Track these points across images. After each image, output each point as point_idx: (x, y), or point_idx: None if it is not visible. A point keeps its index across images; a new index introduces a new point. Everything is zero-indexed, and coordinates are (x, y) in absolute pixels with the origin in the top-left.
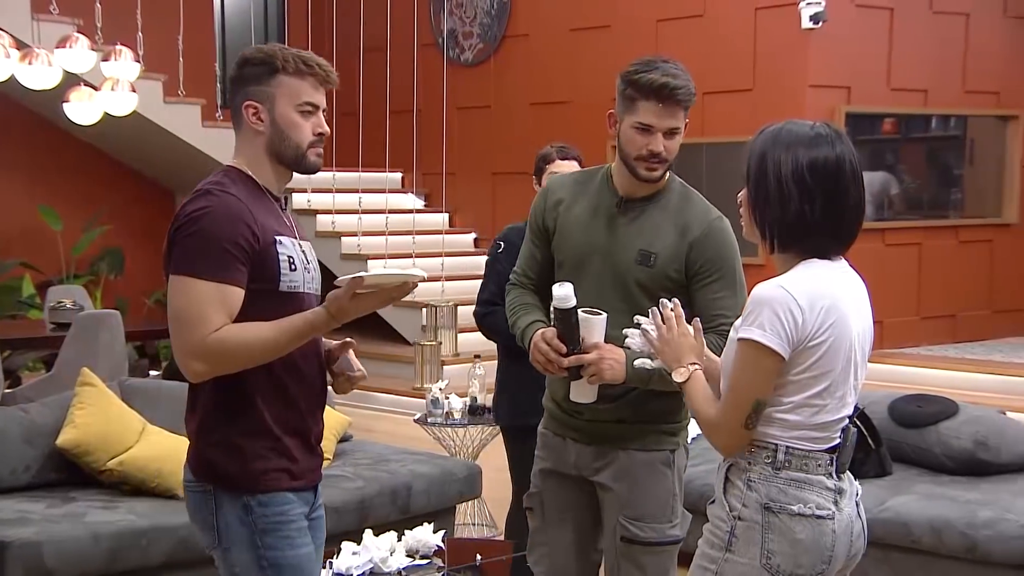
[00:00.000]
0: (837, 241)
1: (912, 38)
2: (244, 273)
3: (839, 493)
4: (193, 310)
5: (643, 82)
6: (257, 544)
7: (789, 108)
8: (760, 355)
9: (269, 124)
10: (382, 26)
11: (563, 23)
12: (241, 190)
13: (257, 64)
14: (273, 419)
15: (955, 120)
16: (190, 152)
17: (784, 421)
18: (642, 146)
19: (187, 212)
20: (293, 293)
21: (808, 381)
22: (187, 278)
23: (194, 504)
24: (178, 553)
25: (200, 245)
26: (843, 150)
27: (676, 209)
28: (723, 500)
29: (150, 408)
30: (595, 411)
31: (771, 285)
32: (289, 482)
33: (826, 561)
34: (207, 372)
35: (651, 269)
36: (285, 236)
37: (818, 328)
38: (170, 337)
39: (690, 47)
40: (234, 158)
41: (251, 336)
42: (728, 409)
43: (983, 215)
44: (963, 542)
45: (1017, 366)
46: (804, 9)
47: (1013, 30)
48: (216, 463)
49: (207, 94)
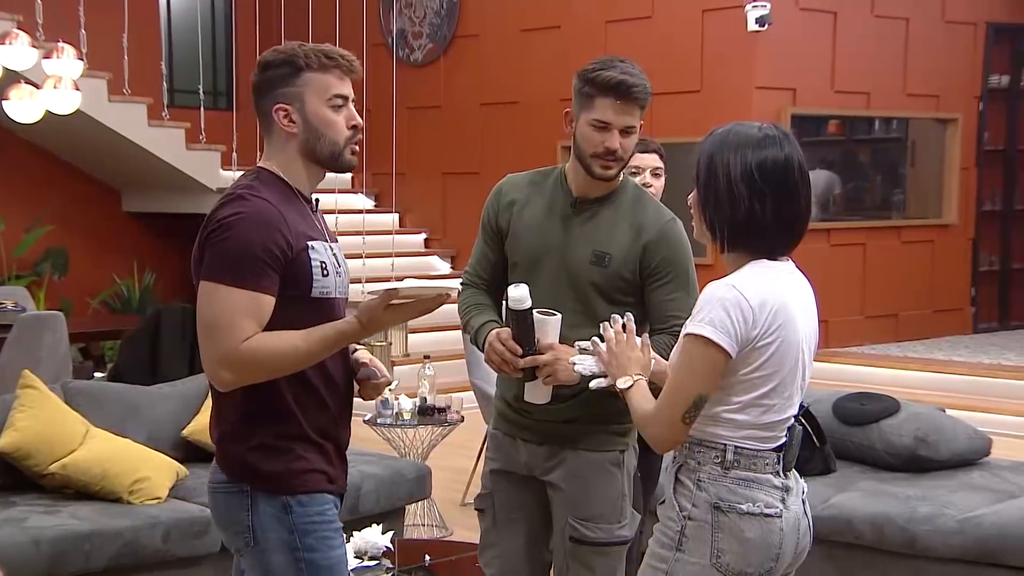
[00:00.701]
0: (785, 242)
1: (855, 41)
2: (276, 280)
3: (786, 491)
4: (224, 319)
5: (601, 79)
6: (295, 545)
7: (736, 109)
8: (707, 351)
9: (302, 124)
10: (331, 25)
11: (513, 23)
12: (273, 193)
13: (279, 65)
14: (308, 424)
15: (897, 122)
16: (136, 152)
17: (733, 421)
18: (598, 143)
19: (219, 217)
20: (325, 299)
21: (757, 381)
22: (219, 285)
23: (225, 506)
24: (122, 557)
25: (233, 252)
26: (791, 151)
27: (630, 210)
28: (673, 500)
29: (95, 410)
30: (546, 411)
31: (723, 284)
32: (327, 484)
33: (774, 559)
34: (235, 381)
35: (605, 269)
36: (317, 240)
37: (767, 328)
38: (199, 344)
39: (639, 48)
40: (264, 160)
41: (281, 346)
42: (668, 401)
43: (925, 216)
44: (903, 537)
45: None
46: (750, 12)
47: (950, 35)
48: (257, 464)
49: (153, 93)
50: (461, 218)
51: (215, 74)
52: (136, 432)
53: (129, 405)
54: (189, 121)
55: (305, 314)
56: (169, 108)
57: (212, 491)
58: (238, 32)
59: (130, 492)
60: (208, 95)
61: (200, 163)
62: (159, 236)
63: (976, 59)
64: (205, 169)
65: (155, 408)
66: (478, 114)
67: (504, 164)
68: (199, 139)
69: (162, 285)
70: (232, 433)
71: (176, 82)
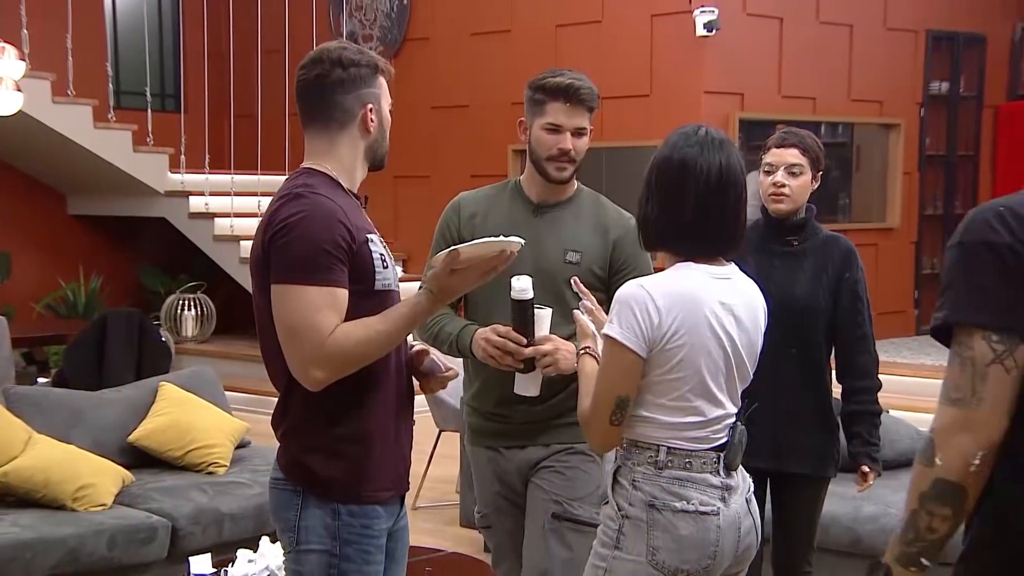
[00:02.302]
0: (711, 245)
1: (800, 47)
2: (346, 273)
3: (727, 490)
4: (305, 319)
5: (550, 85)
6: (334, 552)
7: (685, 114)
8: (617, 352)
9: (378, 125)
10: (280, 27)
11: (463, 27)
12: (329, 190)
13: (364, 65)
14: (371, 422)
15: (842, 127)
16: (82, 154)
17: (658, 421)
18: (552, 145)
19: (281, 218)
20: (387, 291)
21: (674, 383)
22: (293, 286)
23: (278, 502)
24: (65, 565)
25: (301, 251)
26: (723, 158)
27: (591, 213)
28: (612, 500)
29: (38, 416)
30: (527, 412)
31: (633, 284)
32: (383, 494)
33: (711, 556)
34: (328, 378)
35: (578, 267)
36: (374, 234)
37: (675, 331)
38: (284, 349)
39: (588, 52)
40: (311, 160)
41: (364, 332)
42: (594, 404)
43: (869, 219)
44: (849, 536)
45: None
46: (698, 17)
47: (893, 42)
48: (314, 468)
49: (99, 95)
50: (412, 221)
51: (163, 75)
52: (81, 438)
53: (74, 411)
54: (136, 123)
55: (371, 308)
56: (115, 110)
57: (270, 485)
58: (186, 33)
59: (74, 499)
60: (156, 97)
61: (148, 166)
62: (106, 239)
63: (917, 66)
64: (153, 172)
65: (101, 414)
66: (429, 117)
67: (455, 167)
68: (146, 141)
69: (109, 289)
70: (292, 431)
71: (122, 83)
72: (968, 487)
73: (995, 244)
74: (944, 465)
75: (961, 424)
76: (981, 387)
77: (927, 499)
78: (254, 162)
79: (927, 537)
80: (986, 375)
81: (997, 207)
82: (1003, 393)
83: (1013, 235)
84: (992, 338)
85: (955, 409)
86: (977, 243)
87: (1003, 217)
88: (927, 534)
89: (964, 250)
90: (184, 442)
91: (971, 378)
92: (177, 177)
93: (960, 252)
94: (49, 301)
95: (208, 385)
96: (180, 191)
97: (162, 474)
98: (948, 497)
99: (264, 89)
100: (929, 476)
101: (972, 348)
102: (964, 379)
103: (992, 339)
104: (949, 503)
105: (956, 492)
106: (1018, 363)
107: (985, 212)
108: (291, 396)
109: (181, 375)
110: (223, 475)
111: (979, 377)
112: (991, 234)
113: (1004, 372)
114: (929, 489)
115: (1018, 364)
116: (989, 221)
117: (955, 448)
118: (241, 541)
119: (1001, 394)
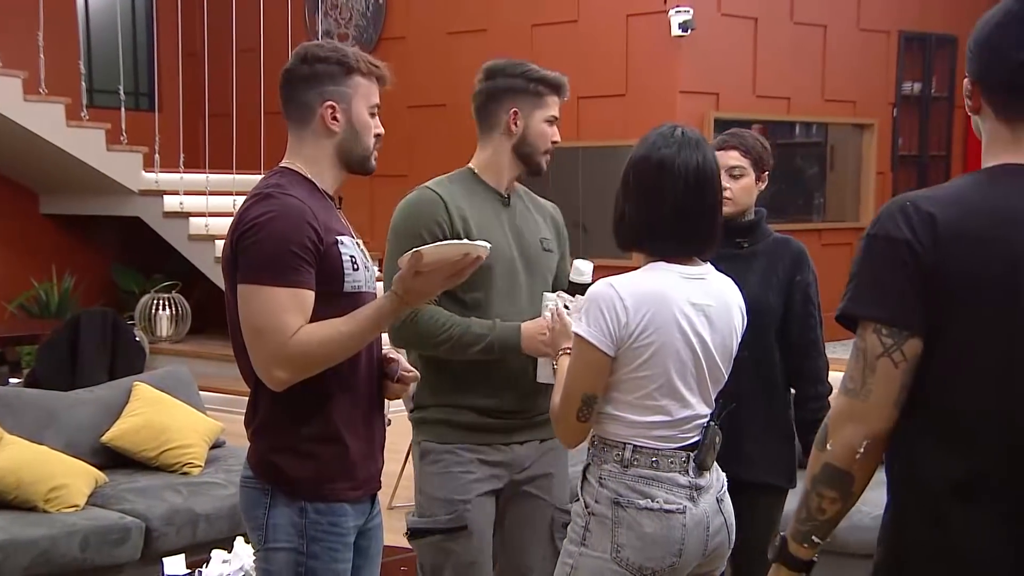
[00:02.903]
0: (687, 245)
1: (775, 47)
2: (313, 275)
3: (696, 489)
4: (270, 319)
5: (550, 78)
6: (301, 550)
7: (661, 113)
8: (585, 349)
9: (345, 124)
10: (255, 26)
11: (439, 26)
12: (300, 191)
13: (333, 63)
14: (340, 422)
15: (816, 127)
16: (54, 153)
17: (624, 419)
18: (550, 138)
19: (249, 218)
20: (357, 293)
21: (641, 380)
22: (259, 287)
23: (248, 501)
24: (37, 567)
25: (267, 251)
26: (700, 157)
27: (531, 201)
28: (580, 497)
29: (9, 417)
30: (542, 406)
31: (603, 283)
32: (350, 492)
33: (676, 554)
34: (291, 378)
35: (551, 254)
36: (345, 235)
37: (642, 330)
38: (248, 349)
39: (565, 52)
40: (288, 158)
41: (328, 333)
42: (562, 401)
43: (843, 219)
44: None
45: None
46: (673, 17)
47: (866, 42)
48: (281, 467)
49: (72, 93)
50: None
51: (136, 74)
52: (54, 439)
53: (46, 411)
54: (110, 122)
55: (341, 309)
56: (88, 108)
57: (240, 484)
58: (160, 30)
59: (46, 500)
60: (129, 95)
61: (121, 165)
62: (79, 239)
63: (889, 66)
64: (127, 171)
65: (73, 414)
66: (405, 116)
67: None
68: (120, 140)
69: (82, 289)
70: (261, 430)
71: (96, 82)
72: (854, 473)
73: (894, 239)
74: (833, 451)
75: (850, 414)
76: (870, 379)
77: (817, 482)
78: (229, 161)
79: (817, 517)
80: (875, 367)
81: (904, 201)
82: (890, 385)
83: (913, 231)
84: (882, 332)
85: (847, 399)
86: (881, 237)
87: (907, 212)
88: (817, 514)
89: (869, 242)
90: (158, 442)
91: (862, 370)
92: (151, 176)
93: (866, 244)
94: (22, 301)
95: (182, 385)
96: (154, 190)
97: (136, 475)
98: (836, 481)
99: (239, 88)
100: (820, 460)
101: (865, 340)
102: (857, 370)
103: (882, 333)
104: (836, 487)
105: (843, 477)
106: (907, 356)
107: (893, 206)
108: (260, 395)
109: (155, 375)
110: (197, 475)
111: (869, 369)
112: (894, 229)
113: (892, 365)
114: (819, 472)
115: (907, 357)
116: (895, 215)
117: (843, 436)
118: (215, 541)
119: (888, 386)
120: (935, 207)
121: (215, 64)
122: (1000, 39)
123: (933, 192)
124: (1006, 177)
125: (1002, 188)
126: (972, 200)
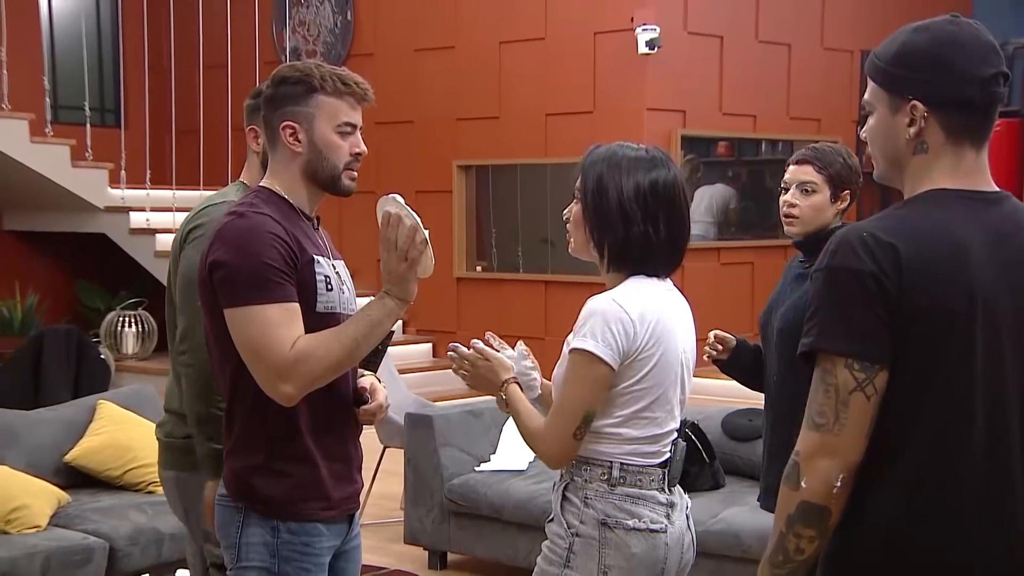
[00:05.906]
0: (671, 260)
1: (741, 65)
2: (293, 286)
3: (671, 507)
4: (265, 337)
5: None
6: (273, 570)
7: (628, 130)
8: (592, 365)
9: (307, 145)
10: (222, 42)
11: (407, 43)
12: (274, 210)
13: (294, 83)
14: (315, 445)
15: (782, 144)
16: (18, 169)
17: (616, 435)
18: None
19: (221, 238)
20: (330, 314)
21: (638, 394)
22: (246, 307)
23: (221, 519)
24: None
25: (246, 271)
26: (676, 172)
27: None
28: (561, 518)
29: None
30: None
31: (604, 298)
32: (324, 513)
33: (659, 573)
34: (299, 391)
35: None
36: (321, 256)
37: (647, 342)
38: (250, 371)
39: (532, 69)
40: (266, 179)
41: (326, 339)
42: (558, 419)
43: None
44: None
45: None
46: (640, 35)
47: (829, 61)
48: (255, 486)
49: (36, 109)
50: (356, 237)
51: (102, 89)
52: (15, 459)
53: (8, 430)
54: (74, 138)
55: (311, 330)
56: (53, 124)
57: (215, 502)
58: (125, 46)
59: (7, 521)
60: (95, 111)
61: (86, 181)
62: (43, 256)
63: (853, 84)
64: (92, 187)
65: (35, 433)
66: (373, 133)
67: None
68: (85, 156)
69: (46, 306)
70: (236, 450)
71: (60, 98)
72: (831, 507)
73: (859, 272)
74: (808, 488)
75: (823, 449)
76: (844, 413)
77: (794, 521)
78: (196, 178)
79: (795, 559)
80: (848, 402)
81: (862, 232)
82: (863, 418)
83: (876, 262)
84: (854, 366)
85: (818, 434)
86: (842, 269)
87: (867, 244)
88: (796, 555)
89: (830, 275)
90: (123, 461)
91: (835, 405)
92: (117, 192)
93: (826, 277)
94: None
95: (148, 403)
96: (120, 207)
97: (100, 494)
98: (814, 518)
99: (205, 104)
100: (795, 499)
101: (836, 376)
102: (828, 405)
103: (854, 367)
104: (814, 524)
105: (821, 513)
106: (878, 389)
107: (851, 237)
108: (235, 414)
109: (120, 393)
110: (162, 495)
111: (842, 404)
112: (856, 261)
113: (865, 399)
114: (795, 512)
115: (878, 390)
116: (854, 247)
117: (819, 472)
118: (180, 561)
119: (861, 419)
120: (894, 238)
121: (182, 80)
122: (962, 59)
123: (883, 223)
124: (951, 204)
125: (949, 215)
126: (925, 229)
